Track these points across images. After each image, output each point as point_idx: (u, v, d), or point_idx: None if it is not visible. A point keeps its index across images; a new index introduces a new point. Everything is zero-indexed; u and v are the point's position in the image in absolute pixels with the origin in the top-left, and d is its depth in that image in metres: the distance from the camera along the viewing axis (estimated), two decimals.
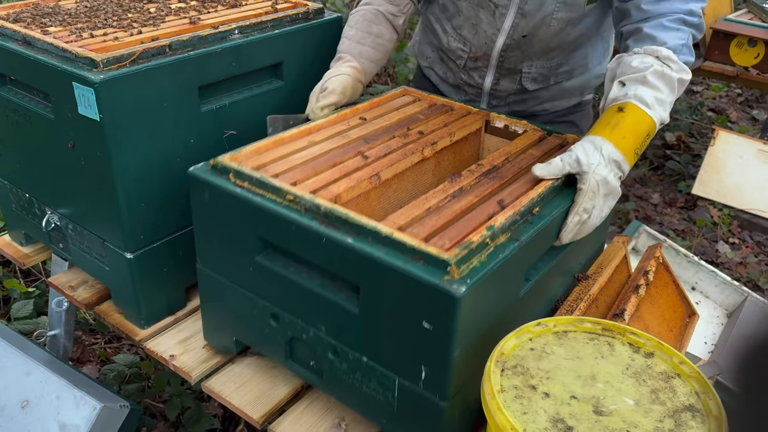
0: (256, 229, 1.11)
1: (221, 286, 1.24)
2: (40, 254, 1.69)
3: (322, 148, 1.27)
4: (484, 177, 1.21)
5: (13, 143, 1.50)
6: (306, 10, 1.58)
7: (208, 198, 1.16)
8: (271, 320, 1.19)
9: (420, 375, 1.00)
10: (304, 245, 1.05)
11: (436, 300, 0.91)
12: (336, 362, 1.12)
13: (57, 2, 1.54)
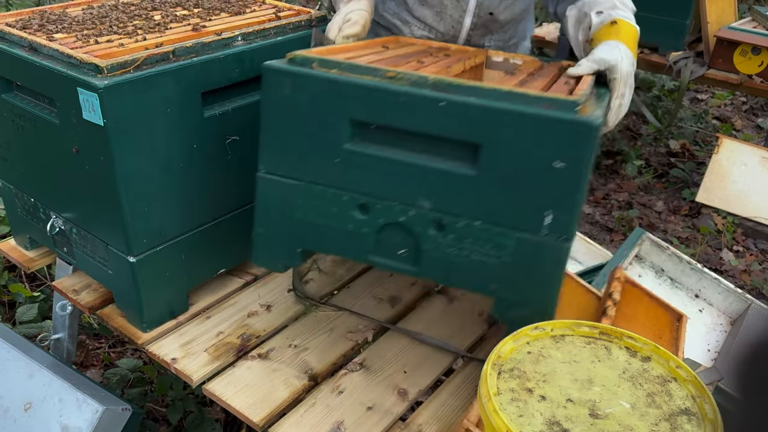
0: (349, 112, 1.08)
1: (291, 190, 1.17)
2: (45, 258, 1.71)
3: (379, 56, 1.27)
4: (530, 77, 1.25)
5: (19, 148, 1.52)
6: (309, 17, 1.60)
7: (290, 90, 1.10)
8: (357, 213, 1.13)
9: (542, 222, 1.01)
10: (413, 116, 1.04)
11: (571, 135, 0.96)
12: (439, 238, 1.09)
13: (64, 9, 1.56)
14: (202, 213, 1.49)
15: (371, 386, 1.35)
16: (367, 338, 1.47)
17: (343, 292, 1.64)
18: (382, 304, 1.59)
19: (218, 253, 1.57)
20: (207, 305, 1.57)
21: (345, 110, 1.08)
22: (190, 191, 1.43)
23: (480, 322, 1.54)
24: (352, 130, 1.10)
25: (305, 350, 1.44)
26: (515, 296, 1.08)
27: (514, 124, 0.98)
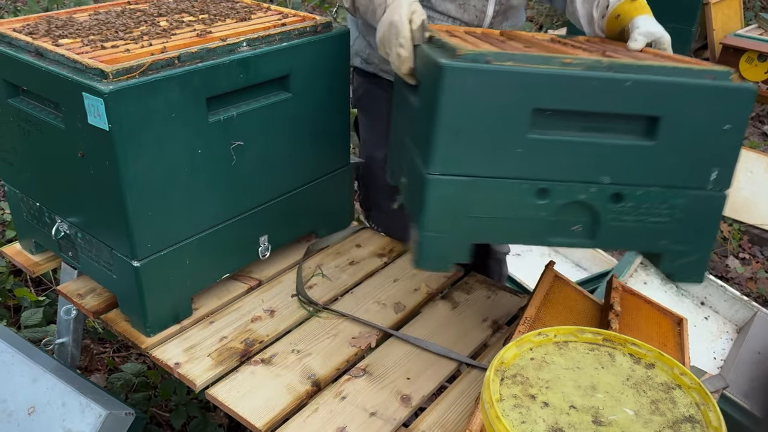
0: (532, 101, 1.11)
1: (468, 187, 1.17)
2: (50, 263, 1.71)
3: (506, 45, 1.34)
4: (598, 52, 1.33)
5: (25, 153, 1.53)
6: (314, 23, 1.61)
7: (472, 87, 1.11)
8: (536, 198, 1.17)
9: (708, 179, 1.16)
10: (594, 98, 1.11)
11: (735, 100, 1.11)
12: (617, 208, 1.17)
13: (70, 15, 1.57)
14: (207, 217, 1.49)
15: (374, 392, 1.35)
16: (371, 344, 1.47)
17: (346, 298, 1.63)
18: (386, 310, 1.58)
19: (222, 258, 1.58)
20: (211, 310, 1.57)
21: (528, 100, 1.12)
22: (194, 196, 1.44)
23: (484, 328, 1.53)
24: (534, 119, 1.14)
25: (308, 355, 1.44)
26: (684, 247, 1.21)
27: (690, 96, 1.11)
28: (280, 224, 1.70)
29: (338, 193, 1.85)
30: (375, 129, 1.86)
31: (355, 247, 1.84)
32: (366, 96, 1.89)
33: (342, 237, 1.89)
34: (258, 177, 1.58)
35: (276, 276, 1.71)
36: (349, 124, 1.82)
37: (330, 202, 1.83)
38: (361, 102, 1.92)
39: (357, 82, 1.91)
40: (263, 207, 1.62)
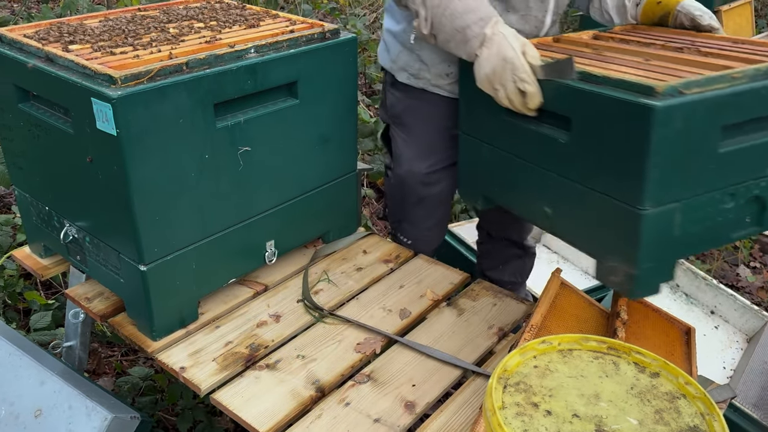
0: (721, 119, 1.22)
1: (676, 212, 1.25)
2: (59, 266, 1.73)
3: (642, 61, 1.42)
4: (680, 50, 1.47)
5: (34, 157, 1.54)
6: (322, 30, 1.61)
7: (677, 121, 1.17)
8: (726, 203, 1.31)
9: None
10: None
11: None
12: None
13: (81, 21, 1.59)
14: (214, 222, 1.50)
15: (379, 398, 1.34)
16: (376, 350, 1.47)
17: (352, 303, 1.63)
18: (391, 316, 1.58)
19: (229, 263, 1.58)
20: (217, 315, 1.58)
21: (718, 119, 1.21)
22: (201, 201, 1.45)
23: (490, 335, 1.53)
24: (723, 134, 1.23)
25: (313, 361, 1.44)
26: None
27: None
28: (287, 229, 1.70)
29: (345, 199, 1.85)
30: (416, 144, 1.84)
31: (361, 253, 1.85)
32: (408, 111, 1.84)
33: (348, 243, 1.89)
34: (265, 182, 1.58)
35: (282, 281, 1.71)
36: (356, 130, 1.83)
37: (337, 207, 1.84)
38: (401, 117, 1.85)
39: (395, 98, 1.85)
40: (270, 212, 1.63)
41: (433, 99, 1.79)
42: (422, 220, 1.92)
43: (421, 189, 1.86)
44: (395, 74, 1.81)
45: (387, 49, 1.84)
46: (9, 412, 1.51)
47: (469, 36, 1.42)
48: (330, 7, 4.78)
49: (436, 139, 1.82)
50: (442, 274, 1.74)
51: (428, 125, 1.82)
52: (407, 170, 1.86)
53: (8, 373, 1.56)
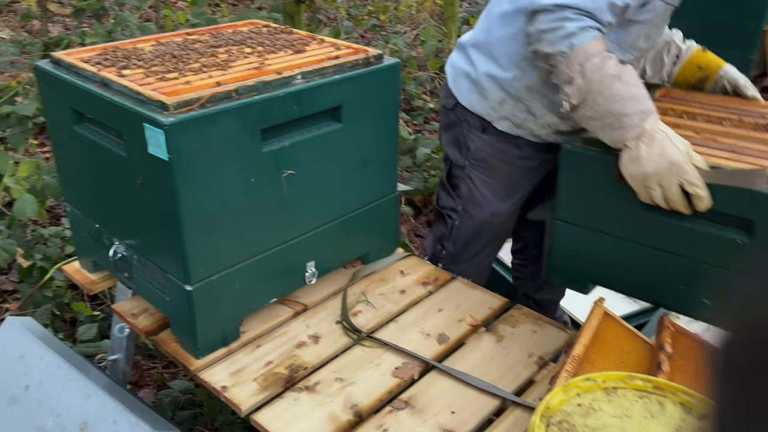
0: None
1: None
2: (107, 281, 1.78)
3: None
4: None
5: (87, 176, 1.60)
6: (366, 55, 1.63)
7: None
8: None
9: None
10: None
11: None
12: None
13: (134, 45, 1.64)
14: (257, 244, 1.53)
15: (417, 426, 1.34)
16: (414, 376, 1.47)
17: (390, 326, 1.64)
18: (430, 341, 1.58)
19: (270, 283, 1.61)
20: (258, 334, 1.60)
21: None
22: (246, 223, 1.47)
23: (530, 364, 1.52)
24: None
25: (351, 384, 1.45)
26: None
27: None
28: (327, 250, 1.72)
29: (385, 220, 1.86)
30: (500, 186, 1.84)
31: (400, 275, 1.85)
32: (495, 155, 1.81)
33: (387, 264, 1.90)
34: (307, 204, 1.61)
35: (321, 302, 1.73)
36: (396, 152, 1.84)
37: (376, 229, 1.85)
38: (486, 162, 1.82)
39: (484, 142, 1.80)
40: (311, 233, 1.65)
41: (523, 144, 1.79)
42: (488, 257, 1.94)
43: (500, 228, 1.88)
44: (493, 122, 1.76)
45: (484, 96, 1.75)
46: (56, 424, 1.55)
47: (626, 124, 1.38)
48: (371, 24, 4.83)
49: (519, 179, 1.84)
50: (480, 298, 1.73)
51: (514, 167, 1.82)
52: (491, 213, 1.86)
53: (56, 385, 1.61)
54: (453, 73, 1.86)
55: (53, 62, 1.56)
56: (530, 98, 1.69)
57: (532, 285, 2.15)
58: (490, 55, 1.72)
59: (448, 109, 1.88)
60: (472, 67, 1.77)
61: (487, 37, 1.73)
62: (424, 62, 4.31)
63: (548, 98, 1.67)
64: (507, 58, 1.68)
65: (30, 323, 1.77)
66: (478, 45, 1.76)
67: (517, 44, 1.63)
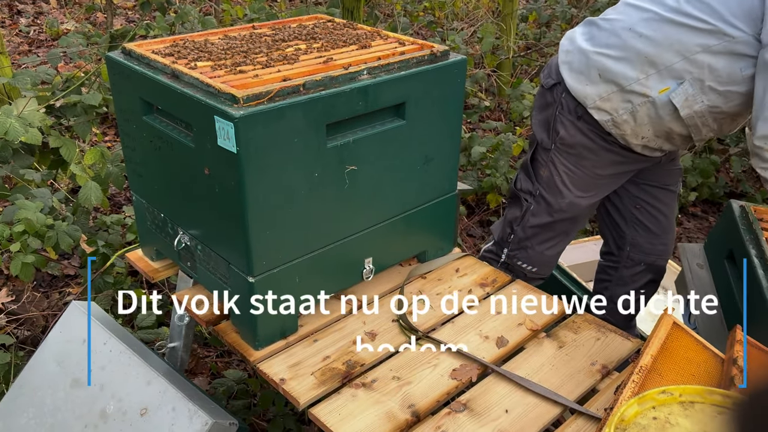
0: None
1: None
2: (169, 270, 1.81)
3: None
4: None
5: (154, 166, 1.62)
6: (431, 52, 1.61)
7: None
8: None
9: None
10: None
11: None
12: None
13: (204, 39, 1.66)
14: (317, 238, 1.53)
15: (475, 429, 1.32)
16: (472, 378, 1.45)
17: (447, 327, 1.62)
18: (488, 343, 1.56)
19: (329, 277, 1.61)
20: (315, 328, 1.60)
21: None
22: (308, 217, 1.48)
23: (593, 372, 1.47)
24: None
25: (408, 384, 1.44)
26: None
27: None
28: (385, 247, 1.71)
29: (443, 219, 1.84)
30: (584, 177, 1.84)
31: (456, 275, 1.83)
32: (584, 144, 1.80)
33: (444, 263, 1.88)
34: (368, 200, 1.60)
35: (378, 298, 1.72)
36: (459, 151, 1.82)
37: (435, 227, 1.83)
38: (575, 148, 1.81)
39: (577, 129, 1.79)
40: (370, 230, 1.64)
41: (611, 140, 1.77)
42: (556, 246, 1.93)
43: (574, 220, 1.87)
44: (591, 110, 1.74)
45: (592, 81, 1.72)
46: (117, 408, 1.59)
47: None
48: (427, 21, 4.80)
49: (603, 175, 1.83)
50: (540, 302, 1.70)
51: (600, 161, 1.81)
52: (569, 202, 1.86)
53: (118, 370, 1.64)
54: (569, 47, 1.80)
55: (124, 53, 1.59)
56: (641, 104, 1.67)
57: (620, 290, 2.11)
58: (624, 46, 1.67)
59: (545, 89, 1.86)
60: (594, 47, 1.72)
61: (629, 28, 1.67)
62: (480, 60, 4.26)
63: (661, 117, 1.67)
64: (640, 57, 1.64)
65: (93, 308, 1.82)
66: (614, 31, 1.70)
67: (668, 52, 1.61)
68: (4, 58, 2.99)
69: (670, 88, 1.63)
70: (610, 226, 2.09)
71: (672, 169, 2.02)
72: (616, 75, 1.68)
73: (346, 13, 3.27)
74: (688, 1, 1.58)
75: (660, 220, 2.03)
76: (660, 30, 1.61)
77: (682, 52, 1.59)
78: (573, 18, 4.86)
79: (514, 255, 2.00)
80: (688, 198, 3.53)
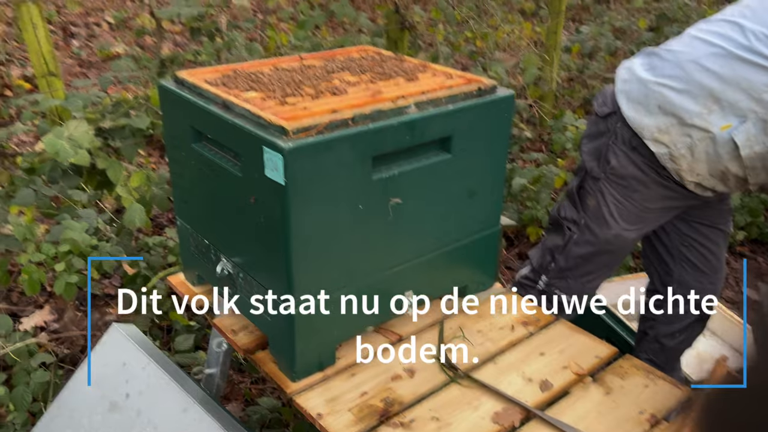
0: None
1: None
2: (209, 295, 1.81)
3: None
4: None
5: (200, 193, 1.64)
6: (479, 86, 1.60)
7: None
8: None
9: None
10: None
11: None
12: None
13: (255, 69, 1.68)
14: (358, 270, 1.51)
15: None
16: (514, 423, 1.41)
17: (489, 366, 1.58)
18: (531, 386, 1.51)
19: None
20: (352, 362, 1.58)
21: None
22: (350, 249, 1.47)
23: (641, 422, 1.42)
24: None
25: (448, 425, 1.40)
26: None
27: None
28: (426, 281, 1.69)
29: (485, 254, 1.81)
30: (632, 210, 1.80)
31: (498, 311, 1.79)
32: (636, 177, 1.77)
33: (485, 298, 1.84)
34: (410, 233, 1.58)
35: (417, 333, 1.70)
36: (503, 185, 1.79)
37: (477, 262, 1.80)
38: (626, 180, 1.78)
39: (629, 160, 1.76)
40: (412, 263, 1.62)
41: (665, 174, 1.74)
42: (597, 278, 1.91)
43: (618, 252, 1.84)
44: (648, 142, 1.71)
45: (649, 112, 1.69)
46: None
47: None
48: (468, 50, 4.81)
49: (652, 209, 1.79)
50: (586, 345, 1.65)
51: (651, 195, 1.77)
52: (615, 234, 1.82)
53: (155, 395, 1.65)
54: (626, 76, 1.77)
55: (177, 82, 1.62)
56: (700, 140, 1.63)
57: (666, 329, 2.05)
58: (687, 79, 1.64)
59: (599, 117, 1.83)
60: (655, 78, 1.69)
61: (695, 61, 1.64)
62: (522, 90, 4.24)
63: (719, 155, 1.63)
64: (704, 92, 1.61)
65: (133, 331, 1.83)
66: (678, 62, 1.67)
67: (734, 89, 1.57)
68: (58, 80, 3.08)
69: (733, 125, 1.58)
70: (657, 262, 2.04)
71: (723, 209, 1.96)
72: (677, 108, 1.65)
73: (391, 42, 3.30)
74: (759, 39, 1.55)
75: (709, 259, 1.97)
76: (728, 66, 1.58)
77: (749, 90, 1.56)
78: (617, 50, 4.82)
79: (553, 284, 1.97)
80: (736, 237, 3.43)
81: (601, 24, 5.64)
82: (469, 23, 5.35)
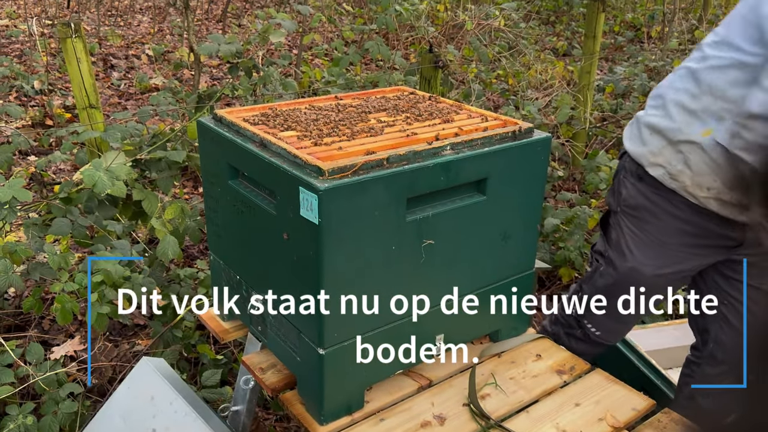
0: None
1: None
2: (239, 331, 1.80)
3: None
4: None
5: (234, 229, 1.65)
6: (515, 129, 1.59)
7: None
8: None
9: None
10: None
11: None
12: None
13: (292, 108, 1.69)
14: (390, 312, 1.49)
15: None
16: None
17: (522, 416, 1.54)
18: None
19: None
20: (381, 405, 1.55)
21: None
22: (382, 290, 1.45)
23: None
24: None
25: None
26: None
27: None
28: (458, 325, 1.66)
29: (519, 297, 1.78)
30: (648, 242, 1.80)
31: (531, 358, 1.75)
32: (647, 207, 1.79)
33: (517, 344, 1.80)
34: (442, 275, 1.56)
35: (447, 378, 1.66)
36: (538, 228, 1.77)
37: (510, 306, 1.77)
38: (637, 211, 1.81)
39: (637, 190, 1.81)
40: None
41: (678, 201, 1.73)
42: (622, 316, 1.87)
43: (641, 288, 1.82)
44: (648, 168, 1.77)
45: (642, 141, 1.78)
46: None
47: None
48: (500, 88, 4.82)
49: (670, 240, 1.78)
50: (623, 397, 1.59)
51: (665, 225, 1.77)
52: (631, 267, 1.83)
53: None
54: (634, 118, 1.90)
55: (215, 119, 1.65)
56: (690, 150, 1.67)
57: (701, 389, 1.98)
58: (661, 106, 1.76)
59: (620, 155, 1.94)
60: (643, 111, 1.84)
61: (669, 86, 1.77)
62: (554, 129, 4.22)
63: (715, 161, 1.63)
64: (675, 109, 1.71)
65: (162, 365, 1.83)
66: (658, 93, 1.80)
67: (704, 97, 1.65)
68: (98, 113, 3.16)
69: (713, 129, 1.62)
70: (694, 318, 1.98)
71: (764, 267, 1.90)
72: (662, 129, 1.73)
73: (423, 81, 3.32)
74: (710, 45, 1.67)
75: (748, 320, 1.90)
76: (691, 80, 1.68)
77: (715, 92, 1.62)
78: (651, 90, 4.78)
79: (583, 316, 1.96)
80: None
81: (634, 64, 5.62)
82: (502, 61, 5.37)
